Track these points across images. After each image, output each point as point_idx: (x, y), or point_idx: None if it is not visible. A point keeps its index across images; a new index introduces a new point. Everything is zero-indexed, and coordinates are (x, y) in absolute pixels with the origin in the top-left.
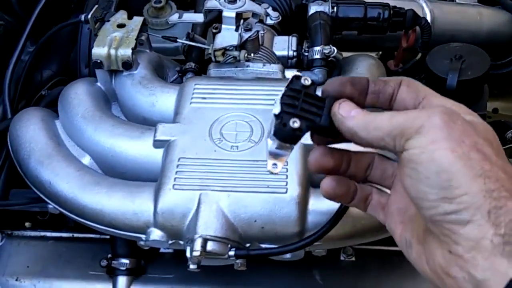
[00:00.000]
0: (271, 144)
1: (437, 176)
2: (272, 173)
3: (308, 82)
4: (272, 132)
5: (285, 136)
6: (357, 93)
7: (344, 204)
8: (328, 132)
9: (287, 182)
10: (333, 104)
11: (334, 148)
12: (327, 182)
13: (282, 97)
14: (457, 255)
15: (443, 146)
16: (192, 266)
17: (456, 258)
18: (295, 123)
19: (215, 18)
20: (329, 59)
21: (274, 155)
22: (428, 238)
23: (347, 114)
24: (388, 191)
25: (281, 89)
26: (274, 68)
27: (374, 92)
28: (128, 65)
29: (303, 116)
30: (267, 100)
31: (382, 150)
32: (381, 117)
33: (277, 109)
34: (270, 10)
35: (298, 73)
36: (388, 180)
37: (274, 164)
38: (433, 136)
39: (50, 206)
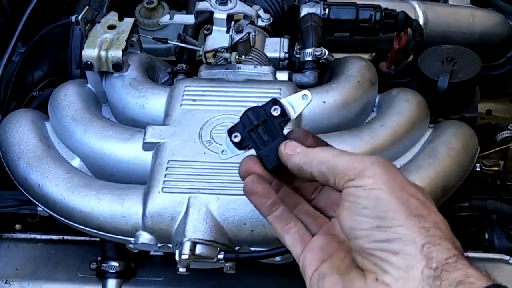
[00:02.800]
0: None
1: (375, 207)
2: (220, 157)
3: (277, 113)
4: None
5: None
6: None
7: None
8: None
9: None
10: (280, 147)
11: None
12: (247, 179)
13: (248, 110)
14: (383, 283)
15: (383, 187)
16: (181, 269)
17: (380, 286)
18: (235, 138)
19: (206, 20)
20: (321, 61)
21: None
22: (352, 270)
23: (293, 152)
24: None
25: (272, 91)
26: (266, 70)
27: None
28: (118, 67)
29: (250, 138)
30: (258, 102)
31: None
32: (324, 153)
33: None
34: (261, 12)
35: (279, 100)
36: (331, 209)
37: (224, 152)
38: (374, 179)
39: (39, 208)
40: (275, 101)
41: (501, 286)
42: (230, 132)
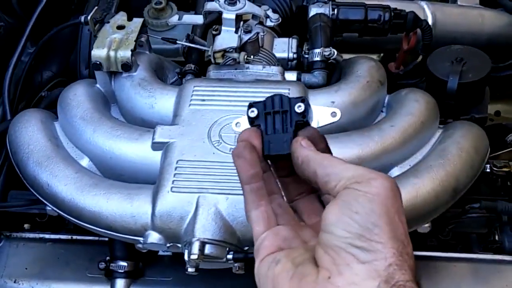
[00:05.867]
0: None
1: (366, 216)
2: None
3: (300, 109)
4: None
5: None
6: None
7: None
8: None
9: None
10: (297, 137)
11: None
12: (241, 143)
13: (276, 95)
14: (333, 284)
15: (382, 202)
16: (190, 269)
17: (329, 286)
18: (252, 112)
19: (215, 20)
20: (329, 61)
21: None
22: (308, 264)
23: (306, 146)
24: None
25: (281, 91)
26: (274, 70)
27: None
28: (127, 67)
29: (264, 120)
30: None
31: (314, 185)
32: (336, 159)
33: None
34: (270, 12)
35: (308, 102)
36: (308, 216)
37: (238, 125)
38: (379, 190)
39: (48, 208)
40: (304, 100)
41: None
42: (250, 105)
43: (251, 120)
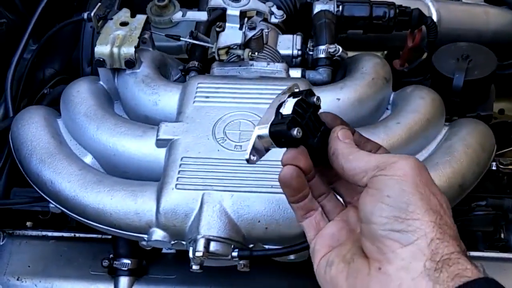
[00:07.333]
0: (258, 136)
1: (398, 197)
2: (248, 162)
3: (319, 102)
4: (269, 128)
5: (280, 139)
6: None
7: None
8: (315, 153)
9: None
10: (335, 128)
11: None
12: (288, 169)
13: (296, 103)
14: (385, 274)
15: (410, 181)
16: (194, 267)
17: (382, 276)
18: (299, 133)
19: (219, 17)
20: (334, 58)
21: (255, 149)
22: (357, 259)
23: (342, 139)
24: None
25: (285, 88)
26: (278, 67)
27: (356, 142)
28: (131, 64)
29: (305, 130)
30: (271, 99)
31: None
32: (360, 153)
33: (287, 110)
34: (274, 9)
35: (313, 91)
36: (349, 195)
37: (254, 155)
38: (404, 171)
39: (51, 205)
40: (311, 92)
41: (491, 279)
42: (289, 127)
43: (298, 141)
